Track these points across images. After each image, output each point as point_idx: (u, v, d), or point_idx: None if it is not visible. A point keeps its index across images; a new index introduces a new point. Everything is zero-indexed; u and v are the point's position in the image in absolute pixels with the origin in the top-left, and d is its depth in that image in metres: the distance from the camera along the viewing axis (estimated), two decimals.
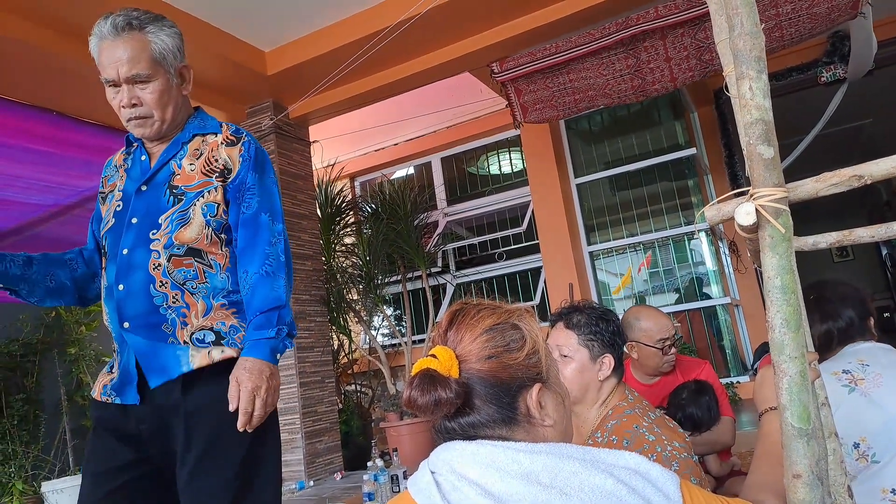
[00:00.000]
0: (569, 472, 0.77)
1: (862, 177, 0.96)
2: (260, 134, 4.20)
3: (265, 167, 1.54)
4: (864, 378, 1.55)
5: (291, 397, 3.86)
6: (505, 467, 0.78)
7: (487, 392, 0.85)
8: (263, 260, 1.45)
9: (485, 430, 0.85)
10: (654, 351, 2.26)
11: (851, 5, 3.25)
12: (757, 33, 0.99)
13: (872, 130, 7.31)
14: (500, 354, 0.86)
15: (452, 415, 0.85)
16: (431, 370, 0.83)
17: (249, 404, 1.31)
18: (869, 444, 1.51)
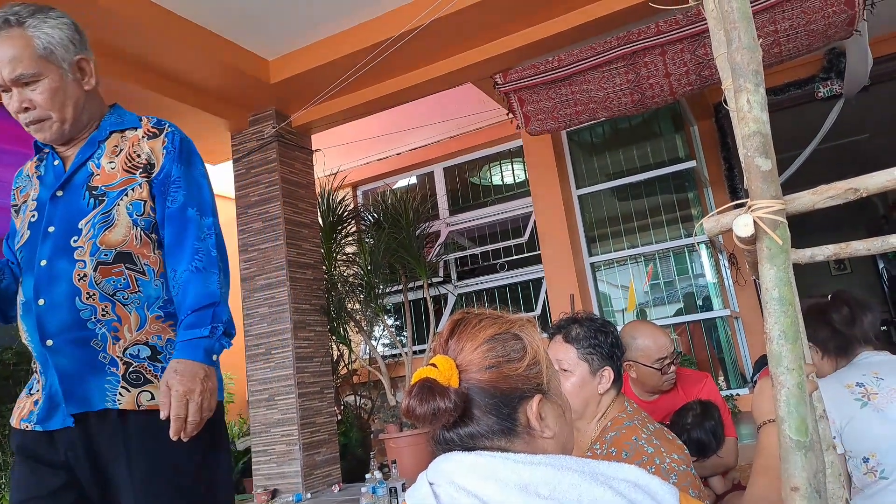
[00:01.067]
0: (568, 483, 0.77)
1: (857, 190, 0.97)
2: (262, 142, 4.23)
3: (192, 158, 1.44)
4: (878, 392, 1.54)
5: (289, 408, 3.85)
6: (504, 478, 0.77)
7: (487, 403, 0.84)
8: (192, 256, 1.35)
9: (484, 442, 0.84)
10: (653, 371, 2.21)
11: (848, 22, 3.28)
12: (754, 47, 1.01)
13: (869, 145, 7.34)
14: (501, 364, 0.86)
15: (452, 425, 0.84)
16: (430, 380, 0.82)
17: (181, 409, 1.20)
18: (878, 460, 1.50)
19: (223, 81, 3.88)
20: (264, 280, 4.08)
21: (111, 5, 2.98)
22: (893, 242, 1.17)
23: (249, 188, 4.25)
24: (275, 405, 3.90)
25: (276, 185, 4.13)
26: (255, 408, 4.00)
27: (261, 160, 4.23)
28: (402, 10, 3.54)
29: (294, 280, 4.05)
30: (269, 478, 3.87)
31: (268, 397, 3.96)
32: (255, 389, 4.02)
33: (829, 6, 3.23)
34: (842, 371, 1.65)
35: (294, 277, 4.05)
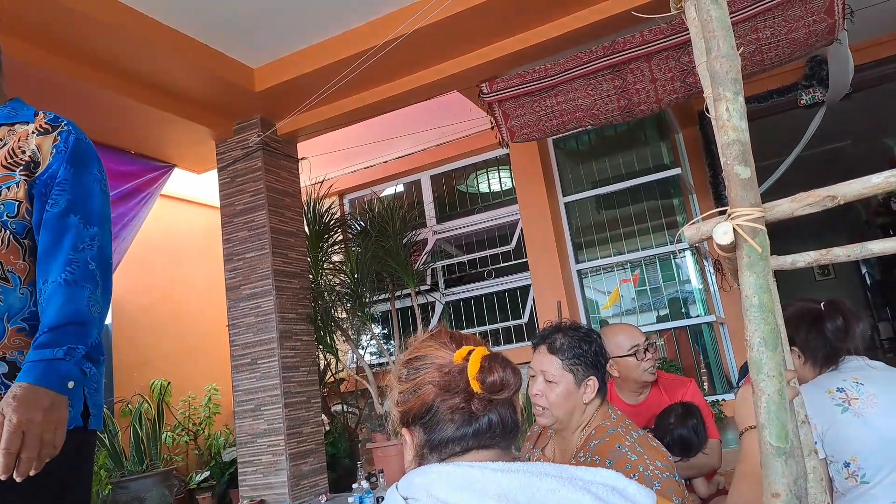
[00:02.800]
0: (546, 489, 0.77)
1: (835, 197, 0.98)
2: (247, 151, 4.21)
3: (86, 161, 1.31)
4: (858, 397, 1.56)
5: (276, 418, 3.82)
6: (482, 488, 0.77)
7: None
8: (64, 267, 1.19)
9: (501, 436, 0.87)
10: (630, 360, 2.30)
11: (828, 31, 3.33)
12: (733, 56, 1.02)
13: (851, 152, 7.45)
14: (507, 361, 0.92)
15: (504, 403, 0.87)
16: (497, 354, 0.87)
17: (13, 443, 1.01)
18: (859, 465, 1.51)
19: (208, 90, 3.86)
20: (250, 289, 4.05)
21: (93, 13, 2.96)
22: (872, 249, 1.18)
23: (234, 197, 4.22)
24: (261, 415, 3.87)
25: (262, 193, 4.11)
26: (240, 418, 3.97)
27: (246, 169, 4.21)
28: (388, 18, 3.55)
29: (280, 289, 4.02)
30: (255, 488, 3.83)
31: (254, 407, 3.92)
32: (240, 400, 3.98)
33: (809, 15, 3.27)
34: (823, 377, 1.66)
35: (280, 287, 4.03)
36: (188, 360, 5.40)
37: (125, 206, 4.31)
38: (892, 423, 1.51)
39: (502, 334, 5.32)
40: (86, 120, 3.86)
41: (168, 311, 5.41)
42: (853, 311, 1.70)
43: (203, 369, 5.43)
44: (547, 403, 1.67)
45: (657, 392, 2.47)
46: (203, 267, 5.72)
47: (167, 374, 5.11)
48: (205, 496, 4.67)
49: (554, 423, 1.70)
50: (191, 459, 5.04)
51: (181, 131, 4.17)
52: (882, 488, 1.48)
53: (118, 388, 4.81)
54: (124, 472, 4.13)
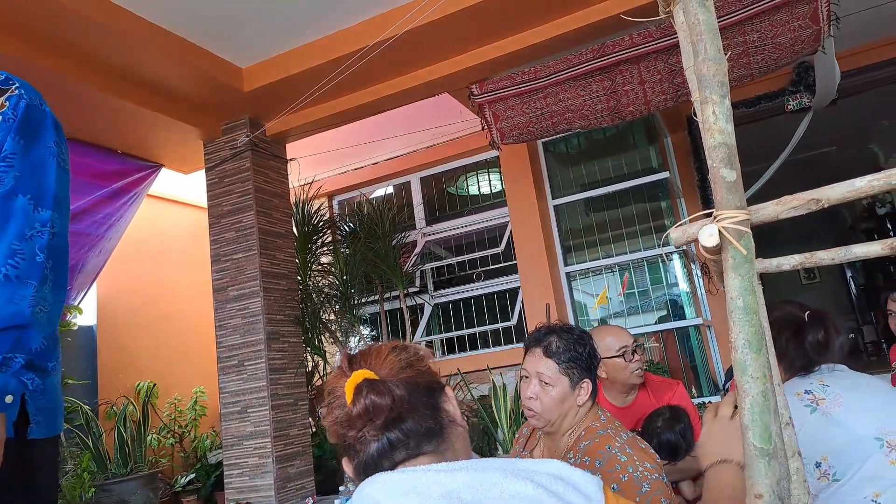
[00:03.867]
0: (490, 483, 0.78)
1: (819, 200, 0.99)
2: (235, 151, 4.18)
3: (40, 132, 1.16)
4: (826, 398, 1.59)
5: (262, 421, 3.79)
6: (426, 490, 0.78)
7: (415, 397, 0.88)
8: (6, 259, 1.04)
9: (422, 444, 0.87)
10: (618, 361, 2.33)
11: (814, 37, 3.36)
12: (720, 59, 1.02)
13: (837, 157, 7.53)
14: (412, 364, 0.92)
15: (395, 422, 0.86)
16: (372, 378, 0.86)
17: None
18: (830, 464, 1.54)
19: (196, 89, 3.84)
20: (237, 291, 4.02)
21: (82, 10, 2.93)
22: (856, 252, 1.19)
23: (222, 197, 4.20)
24: (247, 417, 3.84)
25: (250, 194, 4.09)
26: (227, 420, 3.94)
27: (234, 169, 4.18)
28: (378, 19, 3.55)
29: (267, 290, 4.00)
30: (241, 491, 3.80)
31: (240, 410, 3.89)
32: (227, 402, 3.95)
33: (795, 20, 3.31)
34: (791, 381, 1.68)
35: (268, 288, 4.00)
36: (174, 361, 5.36)
37: (112, 206, 4.27)
38: (859, 421, 1.54)
39: (491, 336, 5.32)
40: (72, 118, 3.83)
41: (154, 312, 5.37)
42: (836, 325, 1.72)
43: (189, 371, 5.39)
44: (541, 407, 1.67)
45: (645, 394, 2.48)
46: (190, 268, 5.68)
47: (153, 376, 5.07)
48: (190, 499, 4.63)
49: (546, 426, 1.70)
50: (176, 462, 5.00)
51: (169, 131, 4.14)
52: (852, 485, 1.51)
53: (103, 391, 4.76)
54: (108, 474, 4.09)
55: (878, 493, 1.48)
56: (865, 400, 1.59)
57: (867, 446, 1.52)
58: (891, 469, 1.50)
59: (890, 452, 1.51)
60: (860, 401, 1.58)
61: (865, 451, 1.51)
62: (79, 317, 4.34)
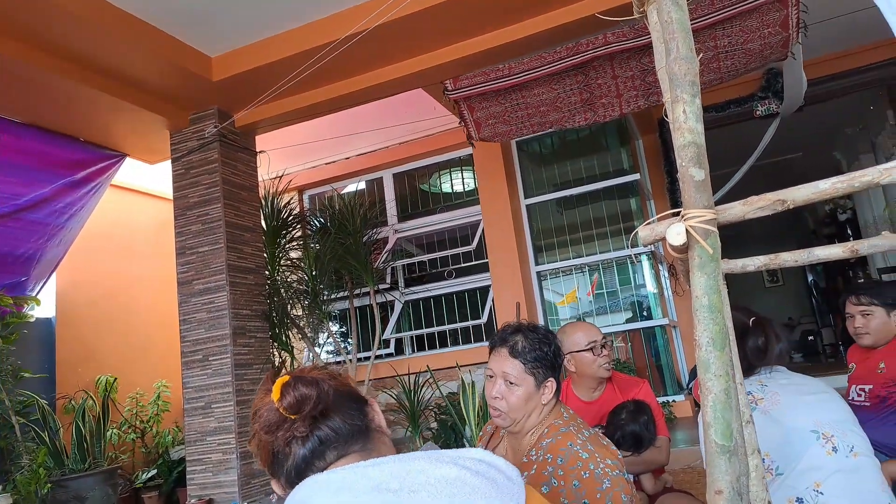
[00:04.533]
0: (416, 471, 0.80)
1: (785, 201, 1.00)
2: (203, 142, 4.10)
3: None
4: (764, 397, 1.65)
5: (227, 416, 3.73)
6: (355, 486, 0.80)
7: (342, 401, 0.91)
8: None
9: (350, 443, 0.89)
10: (587, 355, 2.37)
11: (782, 44, 3.43)
12: (691, 58, 1.02)
13: (802, 164, 7.72)
14: (336, 377, 0.95)
15: (322, 418, 0.88)
16: (295, 375, 0.89)
17: None
18: (772, 459, 1.59)
19: (163, 78, 3.75)
20: (203, 284, 3.94)
21: None
22: (818, 254, 1.21)
23: (189, 189, 4.11)
24: (211, 413, 3.77)
25: (217, 186, 4.01)
26: (190, 416, 3.86)
27: (201, 160, 4.10)
28: (352, 11, 3.50)
29: (234, 285, 3.93)
30: (203, 487, 3.74)
31: (204, 405, 3.82)
32: (190, 397, 3.87)
33: (765, 27, 3.37)
34: None
35: (234, 282, 3.93)
36: (136, 355, 5.24)
37: (72, 196, 4.15)
38: (795, 417, 1.61)
39: (461, 334, 5.32)
40: (31, 104, 3.71)
41: (116, 305, 5.24)
42: (776, 332, 1.78)
43: (152, 366, 5.27)
44: (507, 406, 1.67)
45: (611, 390, 2.52)
46: (154, 260, 5.56)
47: (114, 370, 4.95)
48: (151, 495, 4.53)
49: (511, 425, 1.69)
50: (137, 458, 4.89)
51: (134, 120, 4.04)
52: (794, 477, 1.56)
53: (61, 385, 4.63)
54: (65, 470, 3.98)
55: (818, 483, 1.53)
56: (800, 397, 1.65)
57: (805, 439, 1.58)
58: (828, 459, 1.56)
59: (826, 444, 1.57)
60: (796, 397, 1.64)
61: (804, 444, 1.57)
62: (36, 308, 4.21)
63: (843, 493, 1.53)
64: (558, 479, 1.53)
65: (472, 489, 0.78)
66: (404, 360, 5.20)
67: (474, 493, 0.78)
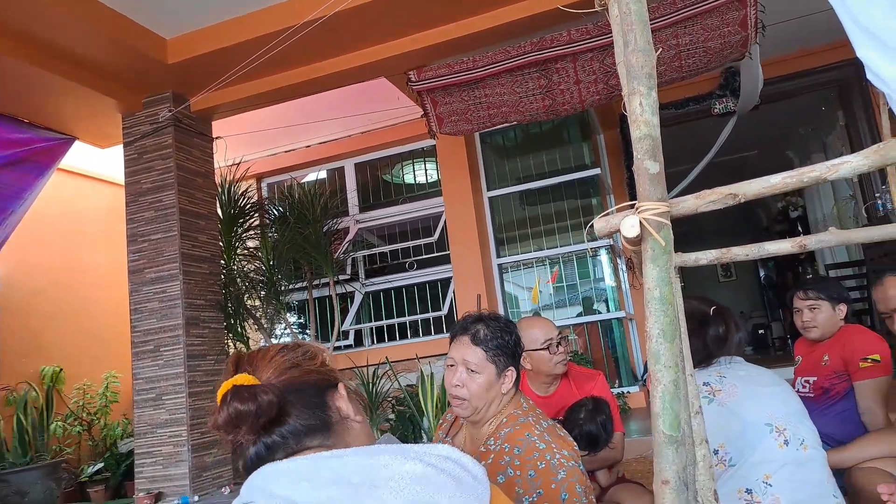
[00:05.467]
0: (379, 465, 0.79)
1: (736, 195, 1.01)
2: (157, 126, 3.97)
3: None
4: (722, 389, 1.68)
5: (179, 408, 3.63)
6: (315, 477, 0.79)
7: (300, 398, 0.88)
8: None
9: (304, 441, 0.87)
10: (543, 353, 2.36)
11: (741, 43, 3.50)
12: (649, 50, 1.02)
13: (757, 161, 7.93)
14: (300, 364, 0.91)
15: (270, 426, 0.85)
16: (240, 385, 0.84)
17: None
18: (727, 450, 1.62)
19: (114, 59, 3.61)
20: (155, 273, 3.83)
21: None
22: (768, 249, 1.22)
23: (141, 174, 3.98)
24: (162, 405, 3.67)
25: (171, 172, 3.89)
26: (140, 408, 3.75)
27: (155, 145, 3.97)
28: None
29: (188, 274, 3.82)
30: (153, 481, 3.64)
31: (155, 396, 3.72)
32: (141, 388, 3.76)
33: (725, 26, 3.43)
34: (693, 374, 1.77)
35: (188, 271, 3.83)
36: (84, 346, 5.07)
37: (14, 178, 3.95)
38: (751, 409, 1.65)
39: (421, 326, 5.30)
40: None
41: (64, 293, 5.05)
42: (736, 321, 1.81)
43: (101, 356, 5.11)
44: (468, 394, 1.66)
45: (567, 384, 2.53)
46: (104, 248, 5.37)
47: (61, 361, 4.77)
48: (97, 489, 4.39)
49: (473, 414, 1.69)
50: (84, 451, 4.73)
51: (84, 102, 3.88)
52: (746, 469, 1.60)
53: (4, 375, 4.44)
54: (5, 464, 3.82)
55: (768, 475, 1.57)
56: (757, 389, 1.69)
57: (759, 432, 1.62)
58: (780, 452, 1.60)
59: (778, 436, 1.61)
60: (752, 390, 1.68)
61: (757, 436, 1.61)
62: None
63: (790, 485, 1.57)
64: (515, 469, 1.53)
65: (437, 487, 0.77)
66: (363, 351, 5.16)
67: (438, 491, 0.77)
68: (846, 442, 2.22)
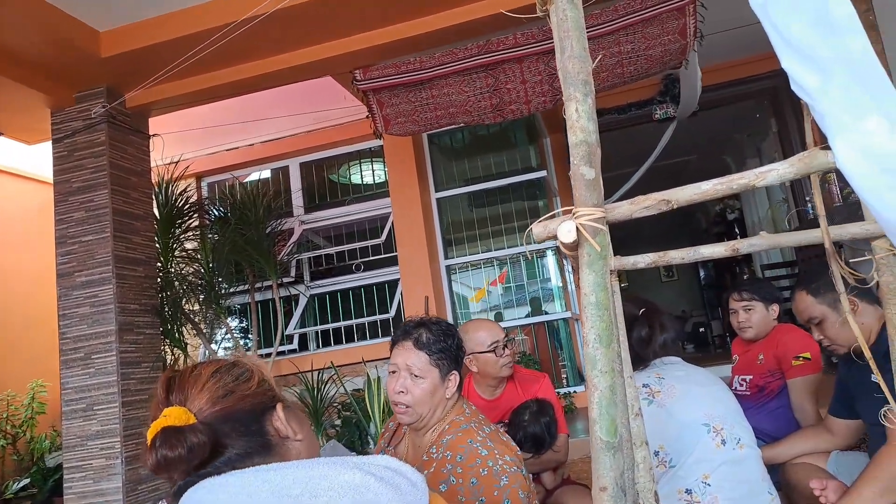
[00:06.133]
0: (319, 476, 0.79)
1: (669, 201, 1.02)
2: (89, 122, 3.78)
3: None
4: (661, 390, 1.71)
5: (111, 418, 3.47)
6: (255, 491, 0.78)
7: (235, 427, 0.86)
8: None
9: (244, 463, 0.85)
10: (489, 356, 2.36)
11: (681, 51, 3.60)
12: (584, 57, 1.02)
13: (696, 166, 8.20)
14: (234, 389, 0.89)
15: (206, 461, 0.83)
16: (170, 426, 0.82)
17: None
18: (666, 451, 1.65)
19: (43, 51, 3.41)
20: (86, 276, 3.64)
21: None
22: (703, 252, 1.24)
23: (71, 173, 3.78)
24: (93, 416, 3.50)
25: (104, 170, 3.71)
26: (69, 419, 3.56)
27: (86, 142, 3.78)
28: None
29: (121, 277, 3.65)
30: (83, 496, 3.46)
31: (85, 407, 3.54)
32: (70, 399, 3.57)
33: (665, 34, 3.52)
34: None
35: (121, 274, 3.66)
36: (9, 353, 4.79)
37: None
38: (689, 410, 1.68)
39: (368, 329, 5.24)
40: None
41: None
42: (664, 323, 1.85)
43: (27, 364, 4.83)
44: (412, 400, 1.64)
45: (512, 387, 2.54)
46: (30, 250, 5.10)
47: None
48: None
49: (416, 421, 1.66)
50: (8, 466, 4.47)
51: (8, 95, 3.67)
52: (686, 469, 1.63)
53: None
54: None
55: (706, 475, 1.61)
56: (695, 389, 1.73)
57: (696, 432, 1.65)
58: (717, 451, 1.64)
59: (716, 436, 1.65)
60: (690, 390, 1.72)
61: (695, 436, 1.65)
62: None
63: (728, 484, 1.61)
64: (457, 477, 1.52)
65: (376, 495, 0.78)
66: (308, 356, 5.06)
67: (377, 499, 0.78)
68: (780, 438, 2.30)
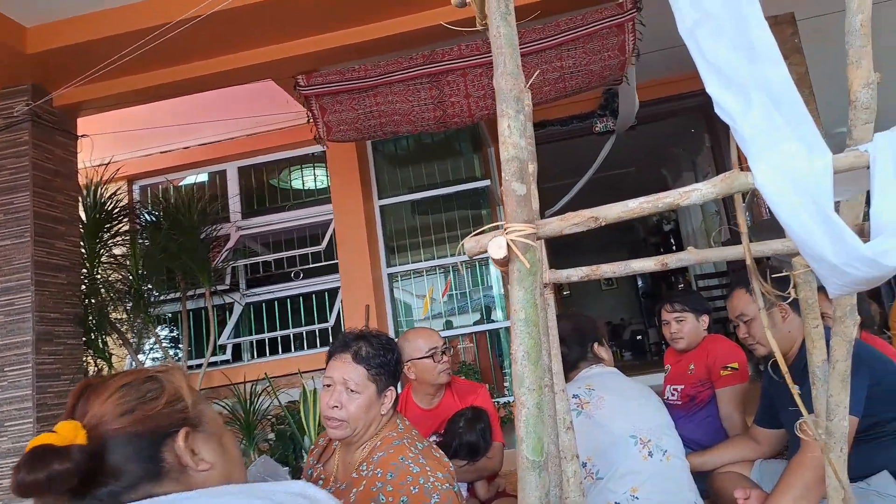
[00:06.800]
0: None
1: (598, 218, 1.03)
2: (11, 121, 3.57)
3: None
4: (590, 401, 1.73)
5: (25, 435, 3.26)
6: None
7: (126, 451, 0.80)
8: None
9: (130, 495, 0.79)
10: (427, 362, 2.37)
11: (620, 66, 3.71)
12: (517, 74, 1.02)
13: (635, 178, 8.45)
14: (137, 408, 0.83)
15: (87, 489, 0.77)
16: (45, 445, 0.76)
17: None
18: (594, 463, 1.66)
19: None
20: (1, 283, 3.42)
21: None
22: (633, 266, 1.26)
23: None
24: (5, 432, 3.28)
25: (26, 171, 3.51)
26: None
27: (7, 142, 3.57)
28: None
29: (41, 284, 3.45)
30: None
31: None
32: None
33: (605, 50, 3.62)
34: None
35: (42, 281, 3.46)
36: None
37: None
38: (618, 422, 1.70)
39: (306, 339, 5.14)
40: None
41: None
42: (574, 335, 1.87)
43: None
44: (346, 416, 1.60)
45: (450, 397, 2.54)
46: None
47: None
48: None
49: (350, 436, 1.62)
50: None
51: None
52: (614, 481, 1.64)
53: None
54: None
55: (635, 488, 1.62)
56: (623, 402, 1.75)
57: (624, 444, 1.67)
58: (644, 463, 1.66)
59: (643, 448, 1.67)
60: (619, 402, 1.74)
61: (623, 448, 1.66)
62: None
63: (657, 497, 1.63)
64: (387, 495, 1.49)
65: None
66: (242, 367, 4.91)
67: None
68: (709, 446, 2.37)
